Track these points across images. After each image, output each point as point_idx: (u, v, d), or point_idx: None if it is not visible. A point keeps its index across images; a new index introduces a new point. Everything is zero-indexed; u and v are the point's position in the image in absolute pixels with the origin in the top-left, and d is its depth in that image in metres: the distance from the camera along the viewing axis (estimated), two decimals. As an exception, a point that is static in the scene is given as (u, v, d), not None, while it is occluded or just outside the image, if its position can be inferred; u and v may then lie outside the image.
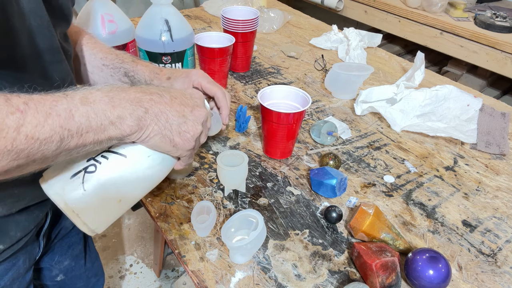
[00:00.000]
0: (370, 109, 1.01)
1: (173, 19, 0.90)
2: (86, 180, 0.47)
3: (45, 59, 0.51)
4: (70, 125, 0.40)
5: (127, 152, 0.50)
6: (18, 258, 0.63)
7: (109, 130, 0.44)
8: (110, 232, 1.80)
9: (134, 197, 0.53)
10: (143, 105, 0.47)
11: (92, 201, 0.48)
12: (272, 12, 1.49)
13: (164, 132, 0.49)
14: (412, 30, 1.96)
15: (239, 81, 1.14)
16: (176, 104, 0.50)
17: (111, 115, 0.43)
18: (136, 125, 0.46)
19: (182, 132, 0.51)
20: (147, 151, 0.51)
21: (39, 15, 0.48)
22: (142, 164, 0.51)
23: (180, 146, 0.52)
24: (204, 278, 0.60)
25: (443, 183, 0.82)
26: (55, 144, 0.39)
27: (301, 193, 0.76)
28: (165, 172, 0.56)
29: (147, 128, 0.47)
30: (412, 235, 0.69)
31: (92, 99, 0.43)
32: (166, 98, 0.50)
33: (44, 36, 0.50)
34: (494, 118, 1.02)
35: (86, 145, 0.43)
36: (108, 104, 0.43)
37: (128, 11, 2.51)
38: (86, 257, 0.89)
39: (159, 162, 0.53)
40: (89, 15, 0.91)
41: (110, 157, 0.49)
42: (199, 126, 0.53)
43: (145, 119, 0.47)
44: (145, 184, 0.54)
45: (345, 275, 0.62)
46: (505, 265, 0.65)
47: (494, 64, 1.69)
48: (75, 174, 0.48)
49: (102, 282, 0.97)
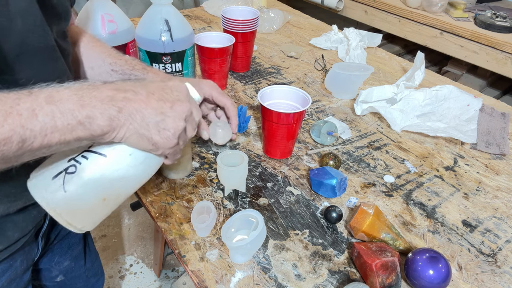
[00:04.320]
0: (370, 109, 1.01)
1: (173, 19, 0.90)
2: (66, 181, 0.47)
3: (39, 58, 0.51)
4: (32, 125, 0.38)
5: (107, 152, 0.49)
6: (16, 259, 0.62)
7: (77, 131, 0.42)
8: (110, 232, 1.80)
9: (120, 195, 0.52)
10: (116, 104, 0.44)
11: (74, 201, 0.47)
12: (272, 12, 1.49)
13: (141, 131, 0.47)
14: (412, 30, 1.96)
15: (239, 81, 1.14)
16: (154, 101, 0.47)
17: (79, 114, 0.41)
18: (108, 125, 0.44)
19: (161, 130, 0.48)
20: (128, 149, 0.50)
21: (32, 14, 0.47)
22: (123, 163, 0.50)
23: (160, 144, 0.49)
24: (204, 278, 0.60)
25: (443, 183, 0.82)
26: (16, 145, 0.38)
27: (301, 193, 0.76)
28: (151, 169, 0.54)
29: (121, 128, 0.45)
30: (412, 235, 0.69)
31: (58, 98, 0.41)
32: (142, 95, 0.47)
33: (38, 35, 0.49)
34: (494, 118, 1.02)
35: (52, 145, 0.41)
36: (76, 103, 0.41)
37: (128, 11, 2.51)
38: (86, 257, 0.89)
39: (142, 161, 0.51)
40: (89, 15, 0.91)
41: (90, 157, 0.48)
42: (180, 122, 0.50)
43: (118, 118, 0.44)
44: (130, 182, 0.53)
45: (345, 275, 0.62)
46: (505, 265, 0.65)
47: (494, 64, 1.69)
48: (56, 175, 0.47)
49: (102, 282, 0.97)
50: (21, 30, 0.46)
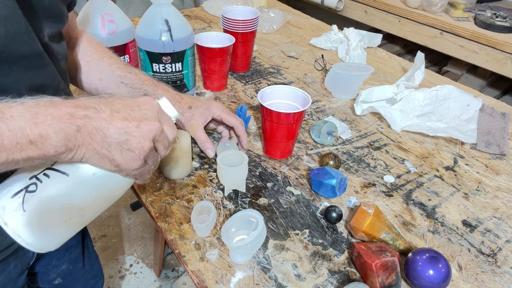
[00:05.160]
0: (370, 109, 1.01)
1: (173, 19, 0.90)
2: (26, 200, 0.44)
3: (19, 66, 0.48)
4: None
5: (69, 170, 0.46)
6: (9, 262, 0.62)
7: (27, 150, 0.39)
8: (110, 232, 1.80)
9: (84, 216, 0.50)
10: (75, 122, 0.42)
11: (33, 221, 0.45)
12: (272, 12, 1.49)
13: (101, 152, 0.44)
14: (412, 30, 1.96)
15: (239, 81, 1.14)
16: (117, 119, 0.45)
17: (31, 133, 0.39)
18: (63, 145, 0.41)
19: (124, 151, 0.45)
20: (92, 169, 0.47)
21: (16, 21, 0.45)
22: (87, 183, 0.47)
23: (123, 166, 0.46)
24: (204, 278, 0.60)
25: (443, 183, 0.82)
26: None
27: (301, 193, 0.76)
28: (118, 190, 0.52)
29: (79, 148, 0.43)
30: (412, 235, 0.69)
31: (9, 115, 0.38)
32: (105, 114, 0.44)
33: (22, 42, 0.47)
34: (494, 118, 1.02)
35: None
36: (29, 121, 0.39)
37: (128, 11, 2.51)
38: (85, 259, 0.88)
39: (107, 180, 0.49)
40: (89, 15, 0.91)
41: (52, 175, 0.45)
42: (146, 142, 0.46)
43: (76, 138, 0.42)
44: (95, 203, 0.50)
45: (345, 275, 0.62)
46: (505, 265, 0.65)
47: (494, 64, 1.69)
48: (16, 193, 0.45)
49: (101, 284, 0.96)
50: (4, 37, 0.44)
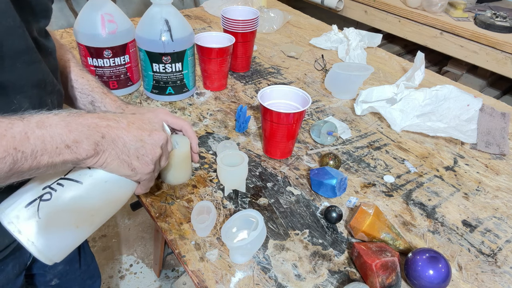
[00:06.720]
0: (370, 109, 1.01)
1: (173, 19, 0.90)
2: (41, 208, 0.47)
3: (21, 61, 0.50)
4: (24, 147, 0.41)
5: (83, 179, 0.50)
6: (7, 263, 0.62)
7: (64, 154, 0.44)
8: (110, 232, 1.80)
9: (93, 223, 0.53)
10: (100, 131, 0.48)
11: (47, 228, 0.47)
12: (272, 12, 1.49)
13: (122, 157, 0.50)
14: (412, 30, 1.96)
15: (239, 81, 1.14)
16: (134, 129, 0.52)
17: (67, 138, 0.44)
18: (93, 150, 0.47)
19: (140, 156, 0.52)
20: (105, 176, 0.51)
21: (10, 15, 0.46)
22: (99, 190, 0.51)
23: (139, 169, 0.53)
24: (204, 278, 0.60)
25: (443, 183, 0.82)
26: (8, 166, 0.40)
27: (301, 193, 0.76)
28: (125, 197, 0.56)
29: (104, 153, 0.48)
30: (412, 235, 0.69)
31: (48, 123, 0.43)
32: (123, 124, 0.51)
33: (18, 37, 0.48)
34: (494, 118, 1.02)
35: (40, 167, 0.43)
36: (64, 128, 0.44)
37: (128, 11, 2.51)
38: (81, 260, 0.88)
39: (118, 188, 0.53)
40: (89, 15, 0.91)
41: (66, 184, 0.49)
42: (157, 149, 0.54)
43: (102, 144, 0.48)
44: (105, 209, 0.54)
45: (345, 275, 0.62)
46: (505, 265, 0.65)
47: (494, 64, 1.69)
48: (30, 203, 0.48)
49: (98, 284, 0.97)
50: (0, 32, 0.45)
